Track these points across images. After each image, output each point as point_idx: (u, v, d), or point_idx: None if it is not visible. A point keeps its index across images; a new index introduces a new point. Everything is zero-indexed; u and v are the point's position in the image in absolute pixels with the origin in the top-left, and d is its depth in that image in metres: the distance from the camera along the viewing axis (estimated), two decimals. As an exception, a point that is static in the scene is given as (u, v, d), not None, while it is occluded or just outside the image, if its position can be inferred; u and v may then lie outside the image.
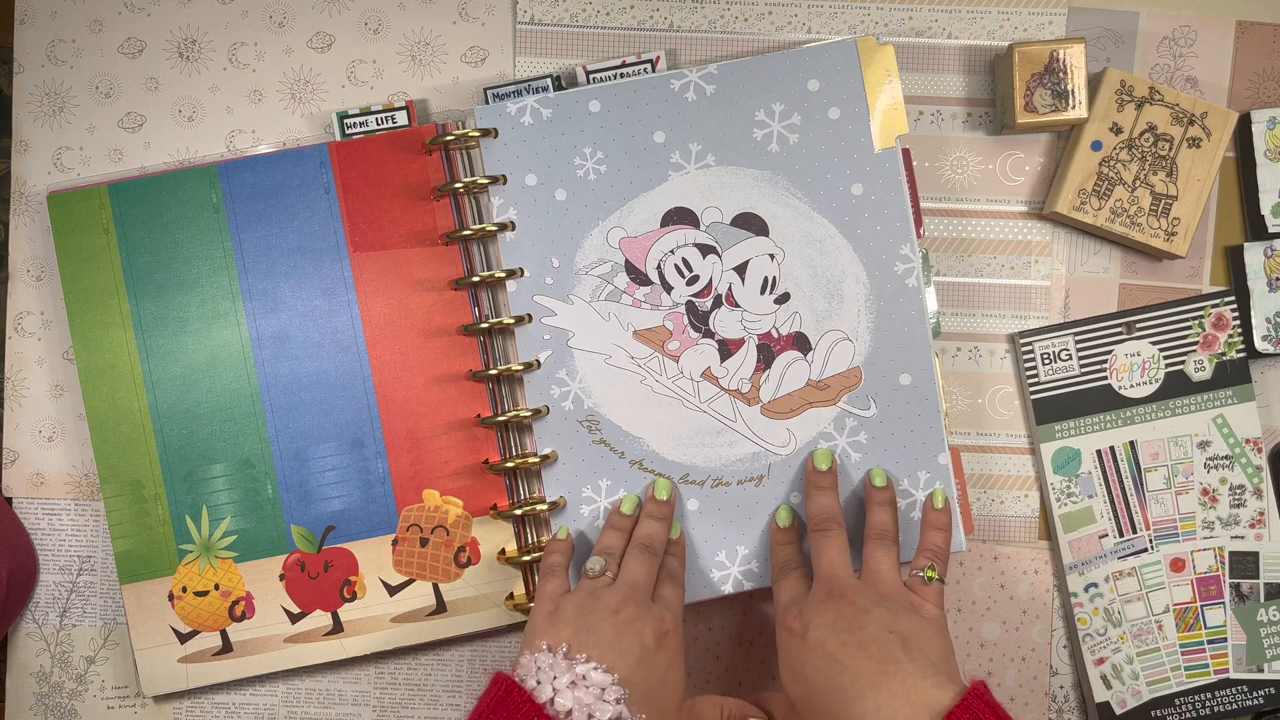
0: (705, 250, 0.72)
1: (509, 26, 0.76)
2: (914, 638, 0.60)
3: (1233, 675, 0.74)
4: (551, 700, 0.56)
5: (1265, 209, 0.75)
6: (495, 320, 0.72)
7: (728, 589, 0.72)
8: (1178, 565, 0.75)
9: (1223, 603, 0.74)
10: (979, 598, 0.75)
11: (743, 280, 0.72)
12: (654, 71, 0.74)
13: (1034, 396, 0.75)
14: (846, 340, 0.72)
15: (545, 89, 0.74)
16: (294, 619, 0.72)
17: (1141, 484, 0.75)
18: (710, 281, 0.72)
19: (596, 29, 0.76)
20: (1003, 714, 0.56)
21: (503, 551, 0.72)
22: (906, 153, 0.73)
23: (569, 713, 0.56)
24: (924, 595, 0.65)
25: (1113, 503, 0.75)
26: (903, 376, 0.72)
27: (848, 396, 0.72)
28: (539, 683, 0.57)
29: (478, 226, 0.71)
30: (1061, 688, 0.75)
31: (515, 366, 0.71)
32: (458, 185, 0.72)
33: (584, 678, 0.58)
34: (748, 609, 0.75)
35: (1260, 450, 0.75)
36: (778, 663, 0.64)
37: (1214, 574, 0.75)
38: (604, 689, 0.57)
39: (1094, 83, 0.74)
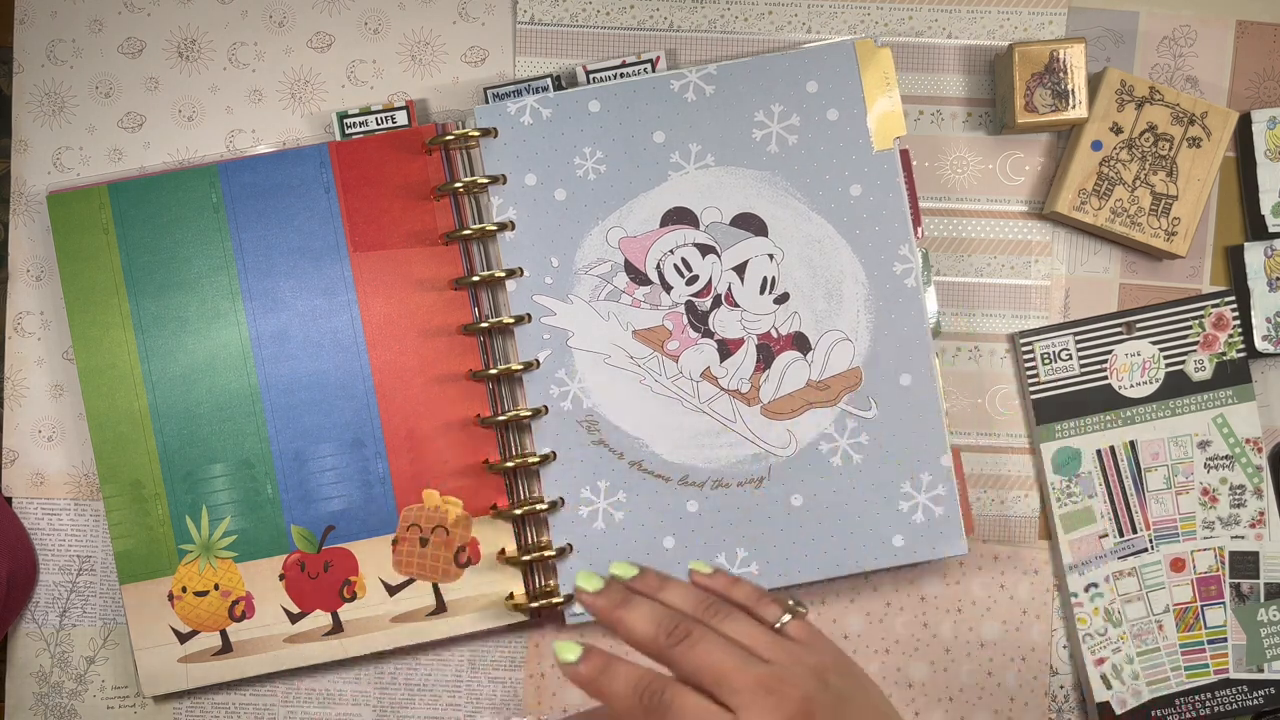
0: (705, 250, 0.72)
1: (509, 26, 0.76)
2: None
3: (1233, 675, 0.74)
4: None
5: (1265, 209, 0.75)
6: (495, 320, 0.72)
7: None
8: (1178, 565, 0.75)
9: (1223, 603, 0.74)
10: (979, 598, 0.75)
11: (742, 280, 0.72)
12: (654, 71, 0.74)
13: (1034, 396, 0.75)
14: (846, 340, 0.72)
15: (545, 89, 0.74)
16: (294, 619, 0.72)
17: (1141, 484, 0.75)
18: (710, 281, 0.72)
19: (596, 29, 0.76)
20: None
21: (503, 551, 0.72)
22: (905, 153, 0.73)
23: None
24: (817, 643, 0.50)
25: (1113, 503, 0.75)
26: (903, 377, 0.72)
27: (848, 397, 0.72)
28: None
29: (477, 226, 0.71)
30: (1061, 688, 0.75)
31: (515, 366, 0.72)
32: (458, 185, 0.72)
33: None
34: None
35: (1260, 450, 0.75)
36: None
37: (1214, 574, 0.74)
38: None
39: (1094, 82, 0.74)
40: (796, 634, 0.49)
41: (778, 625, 0.49)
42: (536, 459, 0.71)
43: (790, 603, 0.50)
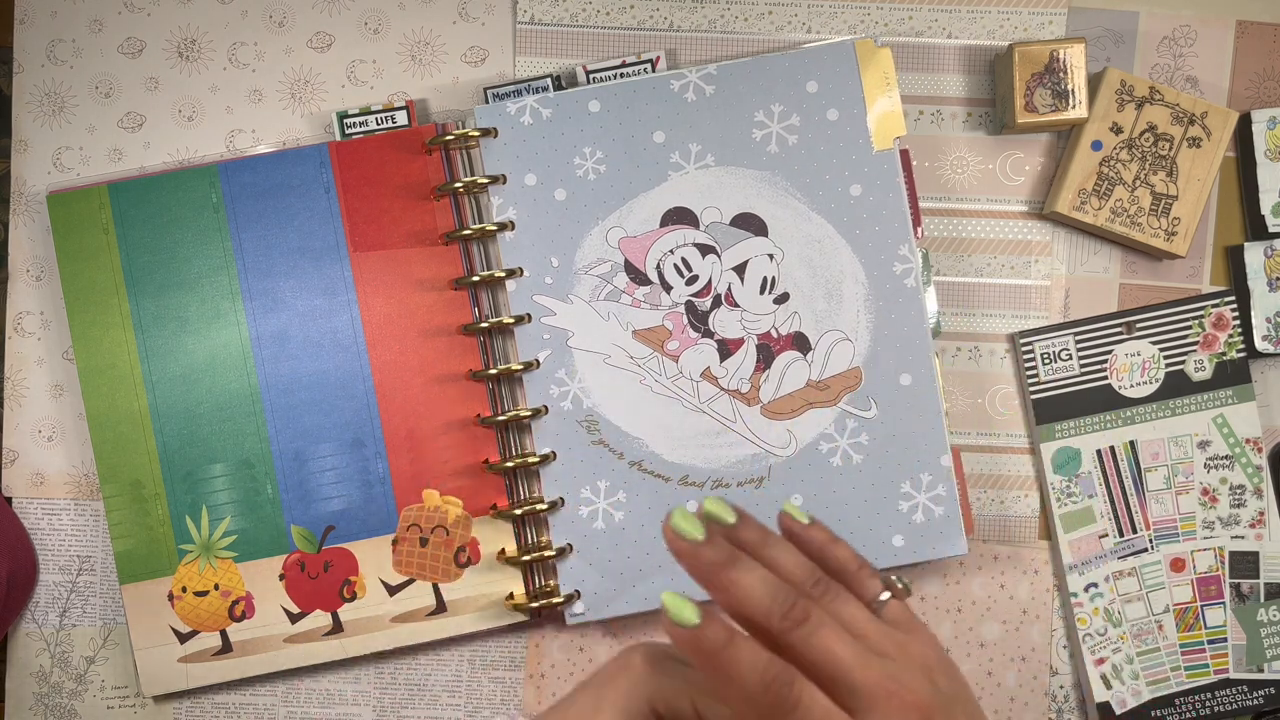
0: (704, 250, 0.72)
1: (509, 26, 0.76)
2: None
3: (1233, 675, 0.74)
4: None
5: (1265, 209, 0.75)
6: (495, 320, 0.72)
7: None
8: (1178, 565, 0.74)
9: (1223, 603, 0.74)
10: (979, 598, 0.75)
11: (742, 280, 0.72)
12: (654, 71, 0.74)
13: (1034, 396, 0.75)
14: (846, 340, 0.72)
15: (545, 89, 0.74)
16: (294, 619, 0.72)
17: (1141, 484, 0.75)
18: (709, 281, 0.72)
19: (596, 29, 0.76)
20: None
21: (502, 551, 0.72)
22: (905, 153, 0.73)
23: None
24: (918, 633, 0.47)
25: (1113, 503, 0.75)
26: (903, 377, 0.72)
27: (848, 397, 0.72)
28: None
29: (477, 226, 0.72)
30: (1061, 688, 0.75)
31: (515, 366, 0.72)
32: (458, 185, 0.72)
33: None
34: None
35: (1260, 450, 0.75)
36: None
37: (1214, 574, 0.74)
38: None
39: (1094, 82, 0.74)
40: (896, 617, 0.47)
41: (877, 603, 0.47)
42: (536, 459, 0.71)
43: (893, 578, 0.48)
